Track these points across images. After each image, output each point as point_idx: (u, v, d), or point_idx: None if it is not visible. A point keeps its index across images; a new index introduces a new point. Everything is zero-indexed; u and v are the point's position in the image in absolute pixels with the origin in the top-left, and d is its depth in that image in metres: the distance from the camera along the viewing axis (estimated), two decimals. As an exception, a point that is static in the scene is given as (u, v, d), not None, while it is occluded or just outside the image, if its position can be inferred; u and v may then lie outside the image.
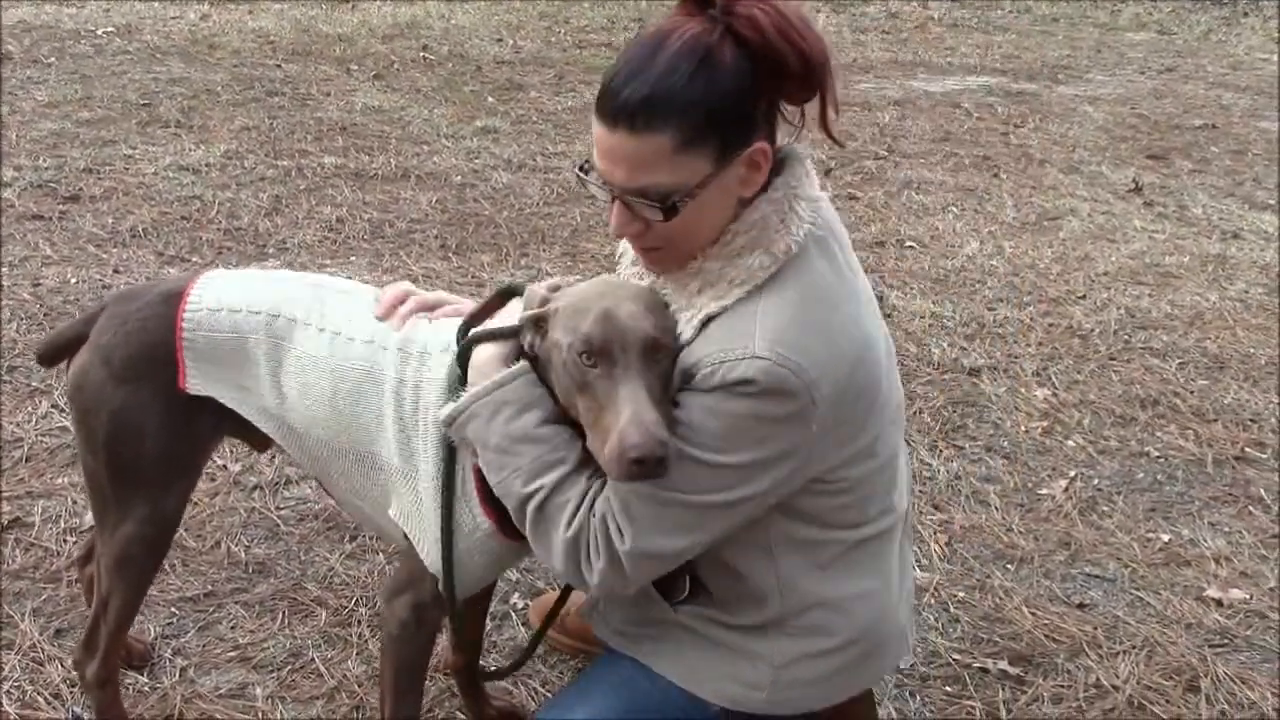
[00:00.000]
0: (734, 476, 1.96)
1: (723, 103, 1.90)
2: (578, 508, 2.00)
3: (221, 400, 2.33)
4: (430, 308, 2.30)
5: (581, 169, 2.06)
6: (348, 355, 2.25)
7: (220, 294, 2.33)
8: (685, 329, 2.00)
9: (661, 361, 1.95)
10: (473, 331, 2.14)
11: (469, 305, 2.28)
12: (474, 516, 2.16)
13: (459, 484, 2.16)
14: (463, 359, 2.12)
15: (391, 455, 2.22)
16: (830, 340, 1.95)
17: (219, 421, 2.40)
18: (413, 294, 2.31)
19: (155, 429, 2.33)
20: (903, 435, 2.27)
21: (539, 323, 2.03)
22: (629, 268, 2.24)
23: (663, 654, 2.26)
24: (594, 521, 1.99)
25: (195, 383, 2.32)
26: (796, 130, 2.08)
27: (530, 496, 2.01)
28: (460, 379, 2.12)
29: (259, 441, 2.50)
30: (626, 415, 1.85)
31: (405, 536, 2.25)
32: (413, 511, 2.21)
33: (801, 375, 1.89)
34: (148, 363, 2.32)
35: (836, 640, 2.18)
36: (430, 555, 2.20)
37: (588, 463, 2.03)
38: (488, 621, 2.83)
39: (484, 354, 2.09)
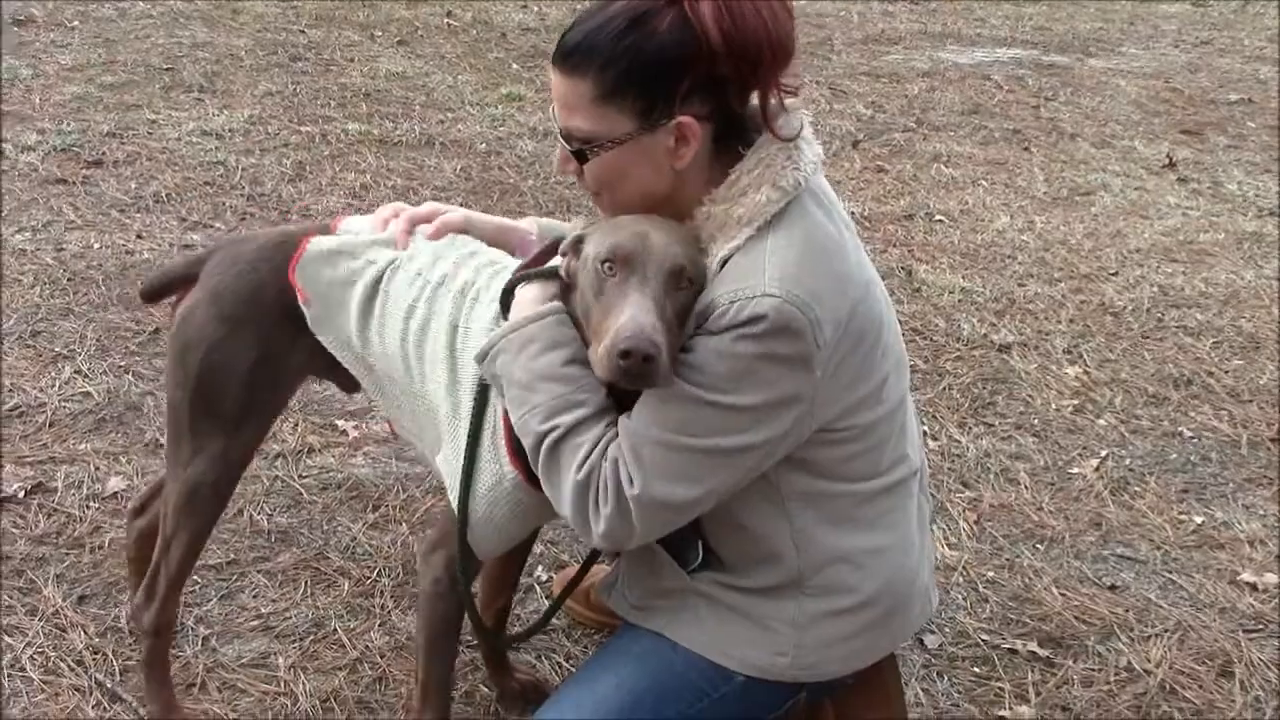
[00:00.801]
0: (742, 420, 1.95)
1: (646, 66, 1.98)
2: (590, 451, 1.99)
3: (325, 343, 2.39)
4: (423, 219, 2.39)
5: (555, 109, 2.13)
6: (420, 297, 2.27)
7: (338, 240, 2.40)
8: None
9: (682, 292, 1.97)
10: (515, 272, 2.16)
11: (459, 212, 2.41)
12: (501, 466, 2.14)
13: (487, 434, 2.15)
14: (505, 301, 2.14)
15: (441, 399, 2.22)
16: (834, 281, 2.00)
17: (305, 366, 2.47)
18: (402, 210, 2.41)
19: (246, 369, 2.38)
20: (908, 386, 2.27)
21: (578, 244, 2.06)
22: None
23: (683, 624, 2.23)
24: (605, 466, 1.98)
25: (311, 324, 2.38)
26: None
27: (546, 435, 2.00)
28: (500, 322, 2.14)
29: (347, 383, 2.54)
30: (626, 315, 1.89)
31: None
32: (451, 458, 2.20)
33: (808, 314, 1.92)
34: (253, 305, 2.38)
35: (856, 598, 2.17)
36: (456, 498, 2.19)
37: (609, 410, 2.03)
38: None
39: (525, 294, 2.11)
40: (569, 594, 2.59)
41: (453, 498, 2.19)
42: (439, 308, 2.25)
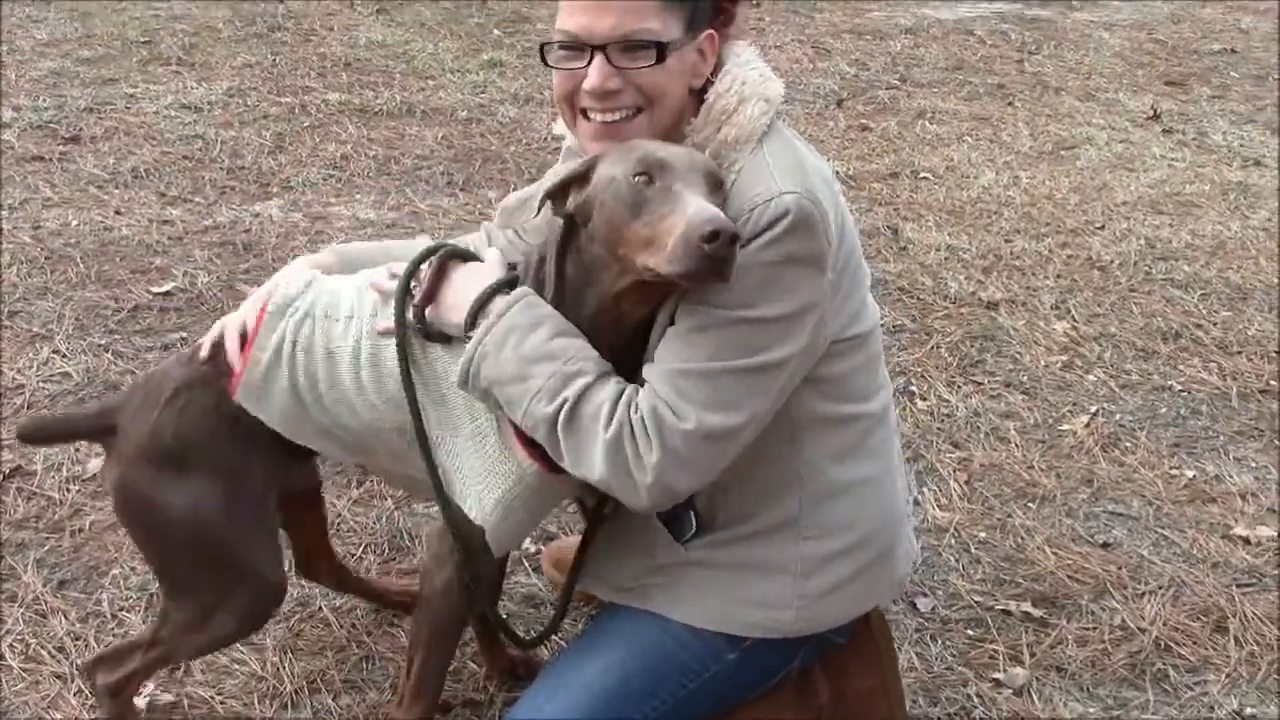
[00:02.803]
0: (771, 333, 1.95)
1: None
2: (613, 409, 1.95)
3: (307, 444, 2.30)
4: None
5: (544, 46, 2.15)
6: (355, 332, 2.20)
7: (260, 359, 2.25)
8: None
9: (716, 197, 1.94)
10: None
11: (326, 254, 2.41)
12: (520, 465, 2.10)
13: (492, 437, 2.11)
14: (421, 332, 2.12)
15: (434, 413, 2.16)
16: (823, 182, 2.06)
17: (271, 475, 2.34)
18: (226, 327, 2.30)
19: (221, 509, 2.24)
20: (878, 311, 2.30)
21: (585, 174, 2.01)
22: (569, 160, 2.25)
23: (681, 598, 2.21)
24: (637, 417, 1.95)
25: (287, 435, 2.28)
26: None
27: (557, 414, 1.96)
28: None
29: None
30: (691, 207, 1.84)
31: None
32: (453, 474, 2.17)
33: (819, 208, 1.95)
34: (194, 445, 2.24)
35: (852, 536, 2.18)
36: (477, 509, 2.14)
37: (608, 371, 2.00)
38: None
39: (464, 275, 2.11)
40: (576, 578, 2.47)
41: (469, 505, 2.15)
42: (377, 347, 2.18)
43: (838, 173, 5.78)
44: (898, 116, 6.87)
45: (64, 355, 3.96)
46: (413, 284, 2.13)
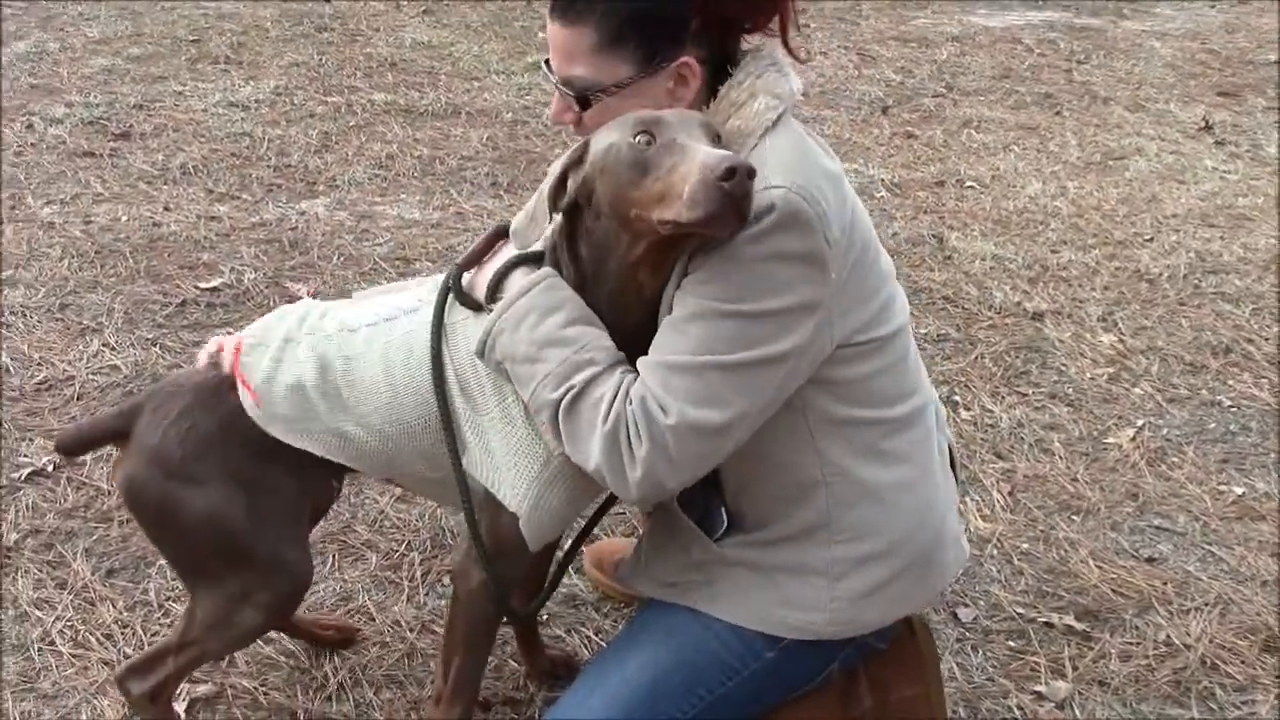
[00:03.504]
0: (764, 329, 1.93)
1: (646, 10, 2.02)
2: (612, 400, 1.95)
3: (319, 452, 2.26)
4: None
5: (547, 62, 2.17)
6: (387, 335, 2.21)
7: (263, 368, 2.26)
8: None
9: (718, 146, 1.94)
10: (460, 263, 2.18)
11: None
12: (547, 448, 2.10)
13: (520, 421, 2.11)
14: (457, 291, 2.16)
15: (459, 401, 2.16)
16: (831, 181, 2.01)
17: (296, 486, 2.32)
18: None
19: (243, 515, 2.24)
20: (909, 313, 2.25)
21: (578, 160, 2.02)
22: None
23: (718, 596, 2.21)
24: (630, 409, 1.94)
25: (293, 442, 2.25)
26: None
27: (561, 400, 1.96)
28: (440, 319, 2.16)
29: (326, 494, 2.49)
30: (700, 153, 1.85)
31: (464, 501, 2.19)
32: (483, 459, 2.15)
33: (814, 206, 1.92)
34: (205, 460, 2.23)
35: (886, 540, 2.15)
36: (511, 496, 2.13)
37: (619, 362, 2.00)
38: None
39: (515, 278, 2.10)
40: (571, 560, 2.52)
41: (501, 492, 2.13)
42: (414, 329, 2.20)
43: (882, 180, 5.79)
44: (943, 125, 6.85)
45: (113, 348, 4.00)
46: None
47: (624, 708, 2.15)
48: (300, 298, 4.16)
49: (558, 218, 2.08)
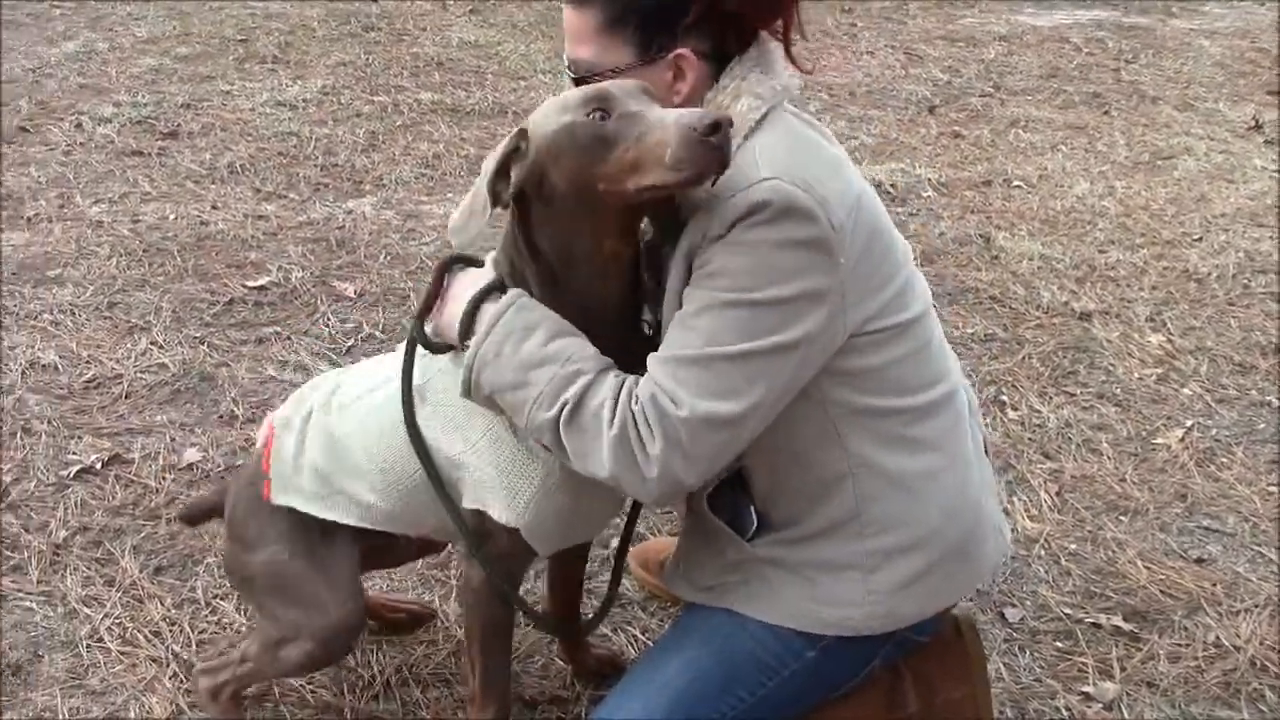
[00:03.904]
0: (772, 317, 1.93)
1: (648, 3, 2.03)
2: (615, 405, 1.95)
3: (351, 522, 2.36)
4: None
5: None
6: (370, 403, 2.30)
7: (289, 449, 2.38)
8: (698, 193, 1.99)
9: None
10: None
11: None
12: (545, 461, 2.11)
13: (508, 441, 2.14)
14: (424, 342, 2.19)
15: (445, 445, 2.20)
16: (830, 165, 2.03)
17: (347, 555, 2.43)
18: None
19: (302, 567, 2.38)
20: (931, 300, 2.23)
21: (515, 149, 2.03)
22: None
23: (754, 596, 2.20)
24: (637, 409, 1.94)
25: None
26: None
27: (559, 416, 1.96)
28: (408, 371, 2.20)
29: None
30: (672, 115, 1.87)
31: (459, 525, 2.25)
32: (474, 484, 2.18)
33: (811, 193, 1.91)
34: (259, 525, 2.41)
35: (915, 531, 2.14)
36: (509, 513, 2.15)
37: (607, 367, 2.00)
38: (587, 568, 2.77)
39: (461, 283, 2.14)
40: (621, 569, 2.55)
41: (495, 511, 2.16)
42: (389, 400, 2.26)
43: (929, 179, 5.77)
44: (991, 124, 6.81)
45: (161, 346, 4.03)
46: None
47: (665, 710, 2.15)
48: (348, 297, 4.22)
49: (504, 220, 2.10)
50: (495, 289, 2.09)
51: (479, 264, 2.19)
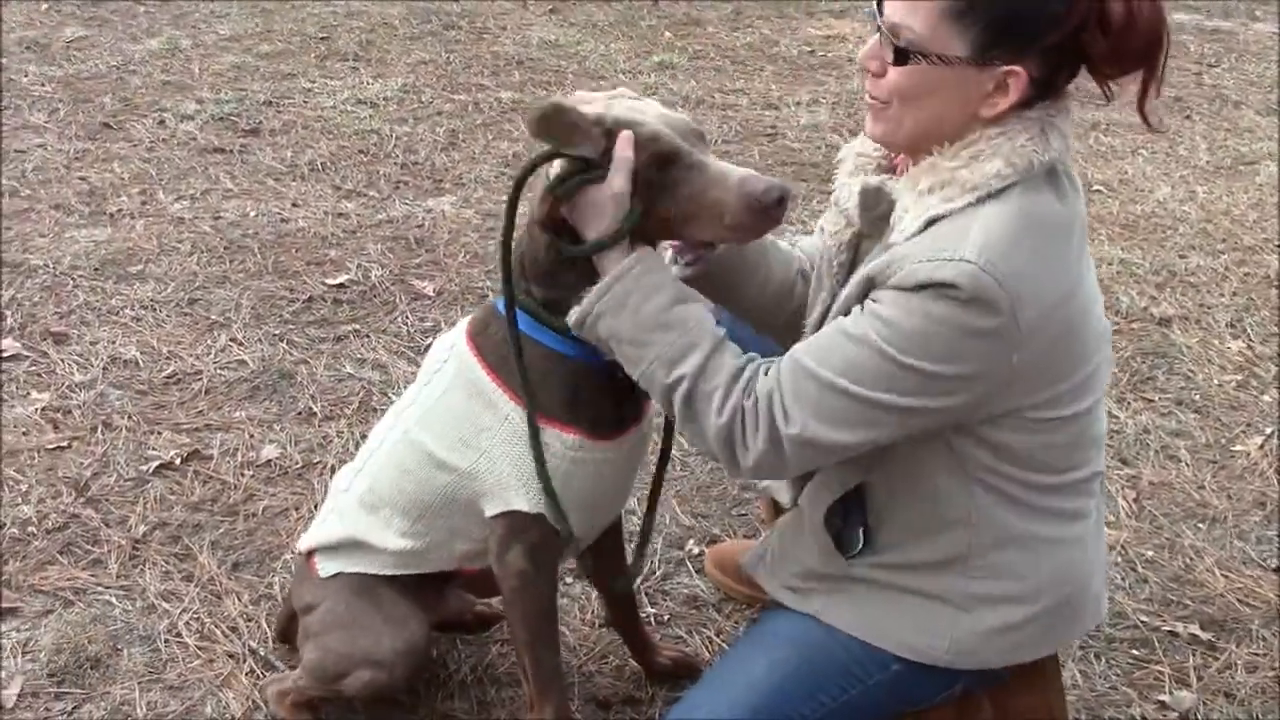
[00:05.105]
0: (916, 382, 1.91)
1: (1009, 7, 1.90)
2: (728, 392, 1.99)
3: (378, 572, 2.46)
4: None
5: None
6: (394, 448, 2.38)
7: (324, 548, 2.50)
8: (909, 225, 1.95)
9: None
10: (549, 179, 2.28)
11: None
12: (560, 440, 2.17)
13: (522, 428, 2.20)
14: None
15: (457, 460, 2.25)
16: (1047, 262, 1.92)
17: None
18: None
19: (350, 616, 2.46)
20: (1104, 387, 2.17)
21: (596, 127, 2.12)
22: (845, 178, 2.18)
23: (838, 606, 2.21)
24: (749, 403, 1.98)
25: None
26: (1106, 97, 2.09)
27: (675, 386, 2.01)
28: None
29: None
30: (738, 175, 1.98)
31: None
32: (494, 486, 2.23)
33: (1006, 287, 1.85)
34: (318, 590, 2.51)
35: (1023, 586, 2.12)
36: (527, 502, 2.21)
37: (723, 341, 2.03)
38: (659, 567, 2.78)
39: (591, 195, 2.13)
40: (651, 521, 2.55)
41: (516, 503, 2.22)
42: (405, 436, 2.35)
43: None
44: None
45: (240, 343, 4.08)
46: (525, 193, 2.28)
47: (751, 708, 2.15)
48: (426, 295, 4.24)
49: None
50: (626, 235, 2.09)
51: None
